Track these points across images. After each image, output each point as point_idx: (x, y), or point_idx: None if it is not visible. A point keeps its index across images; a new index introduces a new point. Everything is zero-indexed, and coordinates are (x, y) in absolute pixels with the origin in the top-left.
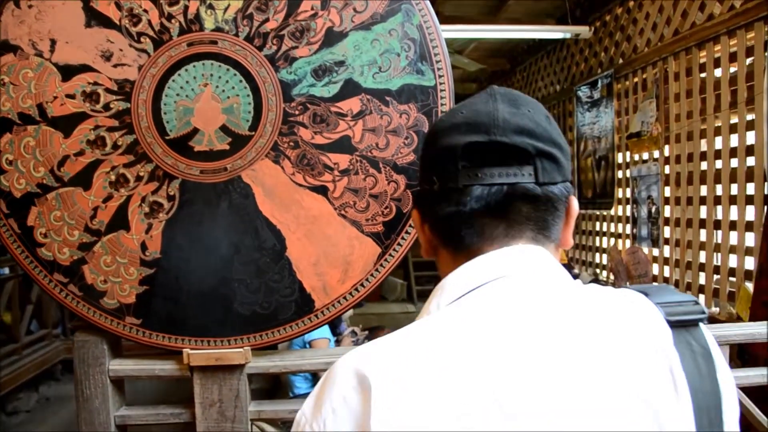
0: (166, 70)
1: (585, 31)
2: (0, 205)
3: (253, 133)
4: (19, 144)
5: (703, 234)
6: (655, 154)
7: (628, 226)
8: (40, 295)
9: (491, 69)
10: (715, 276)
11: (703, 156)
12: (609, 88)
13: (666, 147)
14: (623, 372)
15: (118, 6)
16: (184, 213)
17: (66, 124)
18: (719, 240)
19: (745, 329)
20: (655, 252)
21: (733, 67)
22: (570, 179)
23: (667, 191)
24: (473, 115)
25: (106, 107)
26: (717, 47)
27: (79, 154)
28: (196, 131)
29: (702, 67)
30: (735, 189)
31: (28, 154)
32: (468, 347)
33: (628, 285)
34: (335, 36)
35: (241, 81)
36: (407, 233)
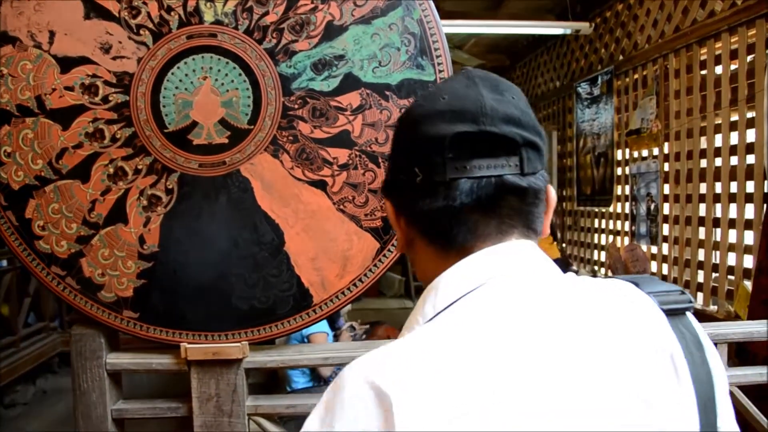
0: (165, 62)
1: (585, 27)
2: None
3: (252, 127)
4: (18, 136)
5: (702, 232)
6: (655, 151)
7: (626, 223)
8: (37, 288)
9: (491, 64)
10: (714, 274)
11: (703, 153)
12: (609, 84)
13: (666, 144)
14: (629, 367)
15: None
16: (182, 206)
17: (64, 116)
18: (718, 238)
19: (744, 327)
20: (654, 249)
21: (734, 65)
22: (546, 167)
23: (667, 188)
24: (458, 102)
25: (104, 100)
26: (718, 44)
27: (78, 146)
28: (195, 124)
29: (703, 64)
30: (734, 187)
31: (26, 146)
32: (484, 354)
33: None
34: (335, 30)
35: (241, 74)
36: None
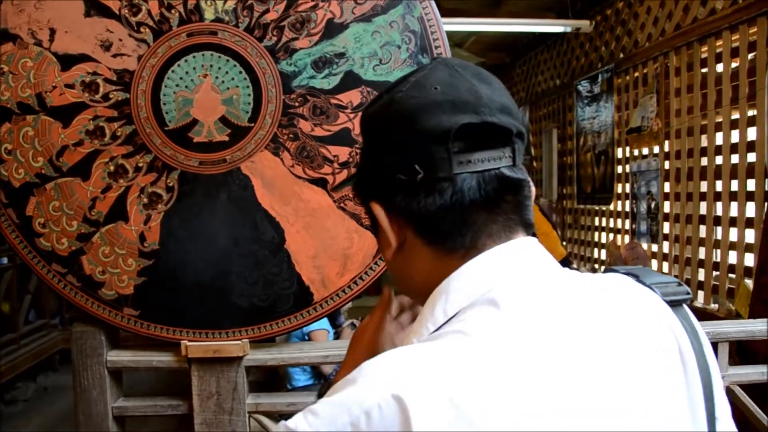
0: (165, 60)
1: (586, 25)
2: None
3: (253, 125)
4: (18, 133)
5: (703, 230)
6: (655, 149)
7: (627, 221)
8: (38, 285)
9: (491, 62)
10: (715, 272)
11: (704, 152)
12: (609, 82)
13: (666, 142)
14: (648, 360)
15: None
16: (182, 204)
17: (65, 113)
18: (719, 236)
19: (745, 326)
20: (654, 248)
21: (735, 63)
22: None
23: (667, 187)
24: (453, 92)
25: (105, 97)
26: (719, 42)
27: (78, 144)
28: (195, 122)
29: (703, 62)
30: (735, 185)
31: (27, 143)
32: (514, 365)
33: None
34: (336, 27)
35: (241, 72)
36: None
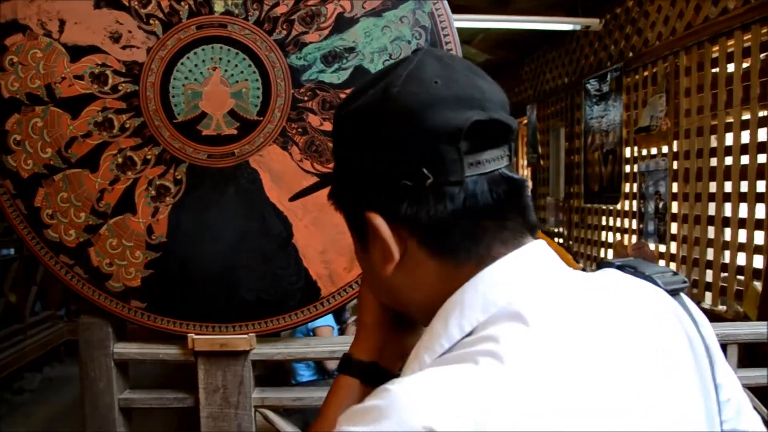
0: (174, 52)
1: (595, 24)
2: (7, 186)
3: (262, 119)
4: (27, 124)
5: (712, 231)
6: (664, 149)
7: (634, 221)
8: (44, 277)
9: (499, 60)
10: (723, 274)
11: (713, 152)
12: (618, 81)
13: (675, 142)
14: (668, 354)
15: None
16: (190, 197)
17: (74, 105)
18: (728, 237)
19: (755, 328)
20: (662, 248)
21: (746, 63)
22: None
23: (675, 187)
24: (456, 86)
25: (114, 89)
26: (730, 42)
27: (87, 135)
28: (204, 115)
29: (714, 62)
30: (745, 186)
31: (35, 134)
32: (555, 392)
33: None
34: (346, 22)
35: (250, 65)
36: None
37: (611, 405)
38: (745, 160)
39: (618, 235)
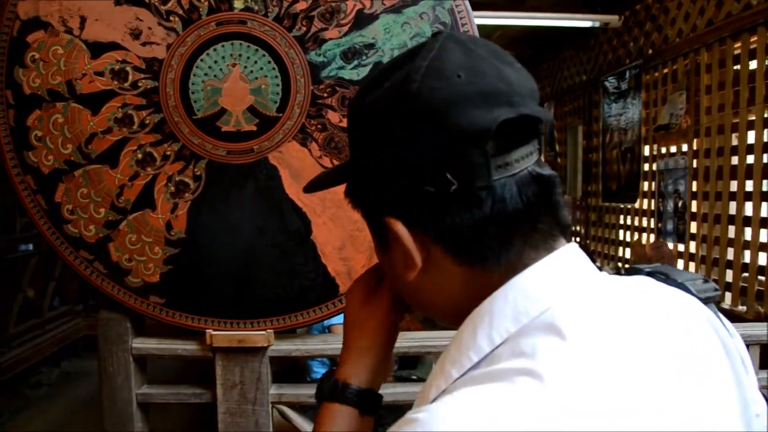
0: (194, 49)
1: (614, 20)
2: (28, 181)
3: (281, 115)
4: (48, 121)
5: (732, 230)
6: (684, 147)
7: (652, 220)
8: (62, 272)
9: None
10: (743, 274)
11: (734, 150)
12: (637, 79)
13: (695, 140)
14: (706, 366)
15: None
16: (210, 193)
17: (94, 101)
18: (748, 237)
19: None
20: (681, 247)
21: None
22: None
23: (695, 186)
24: (480, 80)
25: (134, 85)
26: (753, 38)
27: (107, 131)
28: (223, 111)
29: (736, 59)
30: (766, 185)
31: (56, 130)
32: (597, 413)
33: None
34: (365, 18)
35: (270, 62)
36: None
37: (654, 424)
38: (767, 158)
39: (636, 234)
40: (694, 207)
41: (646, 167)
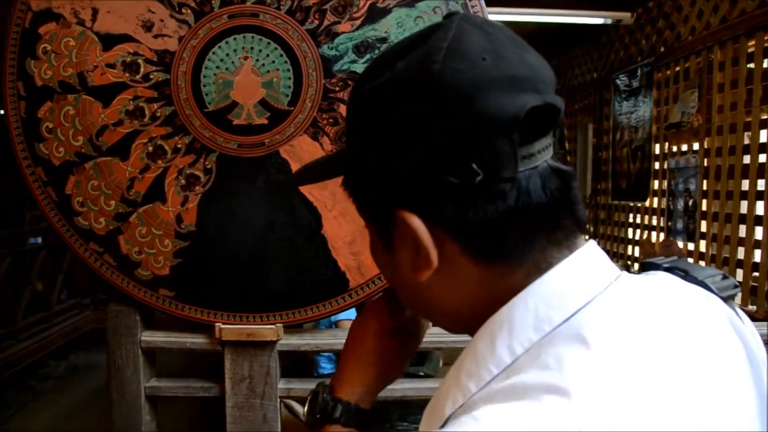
0: (206, 42)
1: (626, 18)
2: (39, 173)
3: (293, 109)
4: (59, 112)
5: (743, 230)
6: (695, 146)
7: (662, 218)
8: (71, 265)
9: None
10: (754, 273)
11: (746, 149)
12: (649, 76)
13: (706, 139)
14: (730, 364)
15: None
16: (220, 187)
17: (106, 93)
18: (759, 236)
19: None
20: (690, 246)
21: None
22: None
23: (706, 184)
24: (507, 64)
25: (145, 78)
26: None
27: (118, 124)
28: (235, 105)
29: (750, 57)
30: None
31: (67, 122)
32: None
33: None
34: (378, 12)
35: (282, 55)
36: None
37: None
38: None
39: (645, 233)
40: (704, 206)
41: (656, 165)
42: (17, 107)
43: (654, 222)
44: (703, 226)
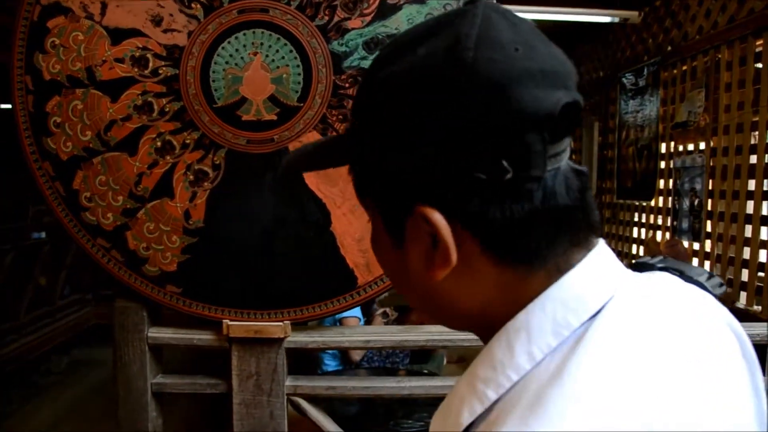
0: (216, 37)
1: (634, 16)
2: (47, 168)
3: (302, 105)
4: (68, 107)
5: (749, 230)
6: (701, 145)
7: (668, 218)
8: (73, 261)
9: None
10: (759, 273)
11: (753, 149)
12: (655, 75)
13: (713, 139)
14: (730, 366)
15: None
16: (229, 183)
17: (114, 88)
18: (764, 236)
19: None
20: (696, 246)
21: None
22: None
23: (711, 184)
24: (539, 57)
25: (154, 73)
26: None
27: (126, 119)
28: (244, 100)
29: (758, 57)
30: None
31: (75, 117)
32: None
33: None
34: (389, 8)
35: (292, 51)
36: None
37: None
38: None
39: (650, 232)
40: (710, 205)
41: (662, 165)
42: (25, 101)
43: (659, 221)
44: (709, 225)
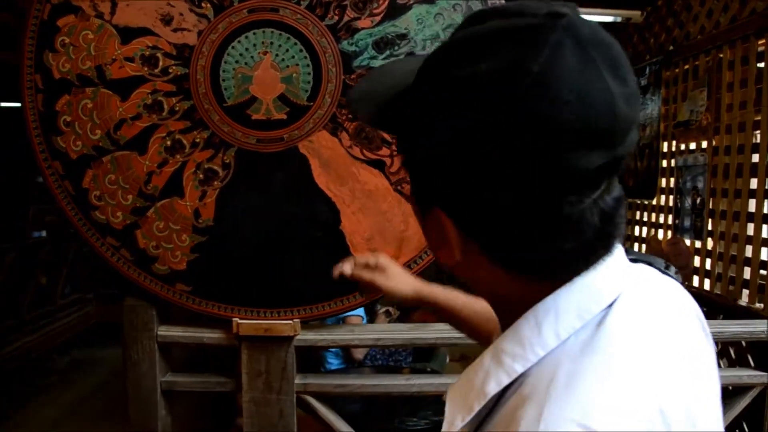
0: (226, 36)
1: (636, 16)
2: (56, 167)
3: (312, 104)
4: (77, 106)
5: (751, 228)
6: (703, 144)
7: (669, 216)
8: (74, 260)
9: None
10: (762, 271)
11: (755, 148)
12: (657, 75)
13: (715, 138)
14: (705, 358)
15: None
16: (238, 182)
17: (124, 87)
18: (767, 235)
19: None
20: (698, 244)
21: None
22: None
23: (713, 183)
24: (587, 111)
25: (164, 72)
26: None
27: (136, 118)
28: (254, 99)
29: (760, 56)
30: None
31: (85, 116)
32: (674, 395)
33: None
34: (398, 8)
35: (302, 50)
36: None
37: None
38: None
39: (652, 231)
40: (712, 204)
41: (664, 163)
42: (35, 100)
43: (661, 220)
44: (711, 224)
